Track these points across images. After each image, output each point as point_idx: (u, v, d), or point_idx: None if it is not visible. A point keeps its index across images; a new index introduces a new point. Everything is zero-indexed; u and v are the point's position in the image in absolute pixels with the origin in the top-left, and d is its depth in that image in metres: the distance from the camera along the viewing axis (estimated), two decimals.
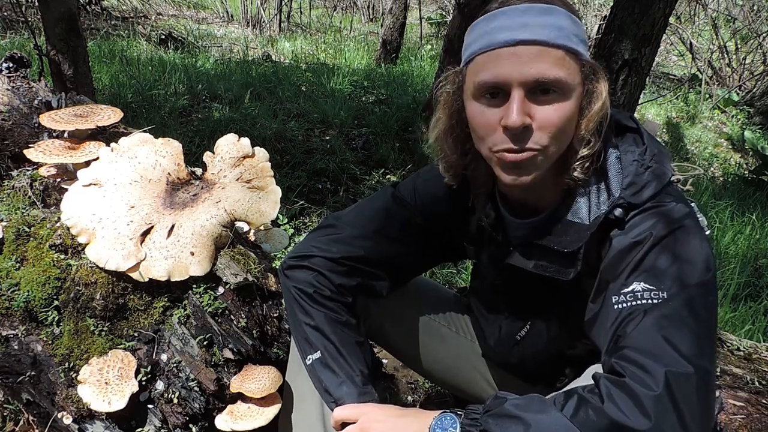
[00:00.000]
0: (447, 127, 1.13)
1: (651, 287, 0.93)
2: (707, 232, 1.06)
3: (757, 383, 1.92)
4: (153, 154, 1.50)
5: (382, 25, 8.50)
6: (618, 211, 1.01)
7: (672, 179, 1.09)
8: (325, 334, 1.21)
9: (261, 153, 1.55)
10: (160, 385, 1.31)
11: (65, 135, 1.57)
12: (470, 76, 1.03)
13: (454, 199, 1.25)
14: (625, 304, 0.94)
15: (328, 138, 4.77)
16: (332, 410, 1.17)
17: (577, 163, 1.03)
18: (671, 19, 4.53)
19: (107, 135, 1.67)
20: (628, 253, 0.98)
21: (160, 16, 9.49)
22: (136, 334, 1.33)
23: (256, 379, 1.28)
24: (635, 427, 0.81)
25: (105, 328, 1.31)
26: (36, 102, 1.72)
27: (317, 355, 1.20)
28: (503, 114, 0.97)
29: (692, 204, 1.09)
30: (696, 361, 0.85)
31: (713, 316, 0.94)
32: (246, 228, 1.59)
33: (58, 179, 1.53)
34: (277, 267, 1.43)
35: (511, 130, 0.96)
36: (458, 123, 1.11)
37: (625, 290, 0.95)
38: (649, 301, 0.92)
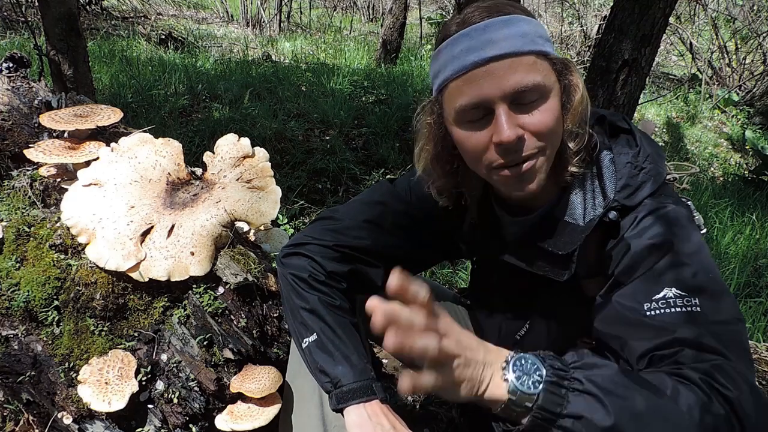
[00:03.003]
0: (433, 155, 1.13)
1: (683, 293, 0.92)
2: (704, 231, 1.07)
3: (757, 383, 1.91)
4: (153, 154, 1.50)
5: (382, 25, 8.49)
6: (612, 214, 1.01)
7: (668, 178, 1.09)
8: (321, 316, 1.21)
9: (261, 153, 1.55)
10: (160, 385, 1.31)
11: (65, 135, 1.57)
12: (448, 103, 1.03)
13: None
14: (658, 311, 0.93)
15: (328, 138, 4.77)
16: (327, 392, 1.16)
17: (573, 158, 1.04)
18: (671, 19, 4.52)
19: (107, 135, 1.67)
20: (647, 256, 0.97)
21: (160, 16, 9.49)
22: (136, 334, 1.33)
23: (256, 379, 1.28)
24: None
25: (105, 328, 1.32)
26: (36, 102, 1.72)
27: (313, 337, 1.20)
28: (493, 132, 0.98)
29: (689, 203, 1.09)
30: (748, 371, 0.86)
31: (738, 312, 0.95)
32: (246, 228, 1.59)
33: (58, 179, 1.52)
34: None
35: (505, 145, 0.97)
36: (444, 148, 1.12)
37: (657, 296, 0.93)
38: (683, 308, 0.91)
